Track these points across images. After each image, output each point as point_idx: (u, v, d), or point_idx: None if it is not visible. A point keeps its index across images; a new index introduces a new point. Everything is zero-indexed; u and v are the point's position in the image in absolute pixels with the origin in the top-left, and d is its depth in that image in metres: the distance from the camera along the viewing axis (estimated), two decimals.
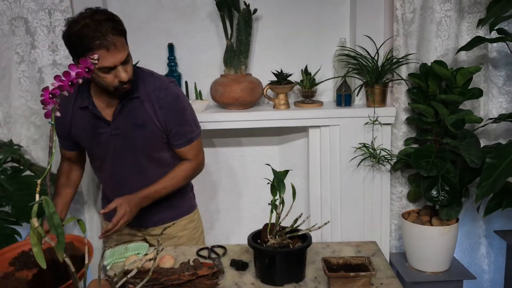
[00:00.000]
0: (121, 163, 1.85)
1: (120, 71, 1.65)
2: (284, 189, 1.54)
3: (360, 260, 1.56)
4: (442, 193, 2.22)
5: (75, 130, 1.84)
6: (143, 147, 1.83)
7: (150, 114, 1.77)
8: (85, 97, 1.78)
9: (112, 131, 1.79)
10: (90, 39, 1.56)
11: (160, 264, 1.67)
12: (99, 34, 1.56)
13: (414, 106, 2.33)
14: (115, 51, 1.61)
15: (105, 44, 1.57)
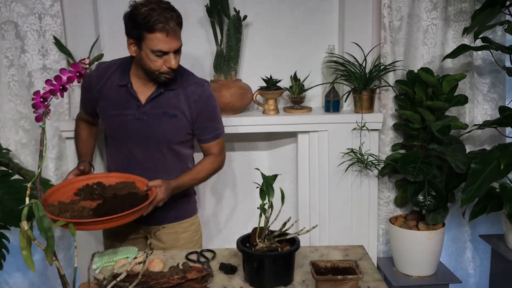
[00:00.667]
0: (140, 148, 1.90)
1: (172, 57, 1.76)
2: (273, 193, 1.55)
3: (348, 264, 1.58)
4: (428, 198, 2.25)
5: (105, 102, 1.90)
6: (167, 137, 1.90)
7: (184, 106, 1.87)
8: (125, 76, 1.87)
9: (140, 115, 1.86)
10: (154, 21, 1.69)
11: (149, 267, 1.68)
12: (163, 18, 1.70)
13: (401, 112, 2.36)
14: (173, 38, 1.74)
15: (167, 28, 1.70)
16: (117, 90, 1.88)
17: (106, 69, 1.91)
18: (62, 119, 2.38)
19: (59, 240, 2.45)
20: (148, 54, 1.75)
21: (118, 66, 1.90)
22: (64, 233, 2.46)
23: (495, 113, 2.45)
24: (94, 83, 1.90)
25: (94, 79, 1.91)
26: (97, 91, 1.91)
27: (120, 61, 1.93)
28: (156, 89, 1.86)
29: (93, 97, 1.93)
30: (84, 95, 2.01)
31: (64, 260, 2.47)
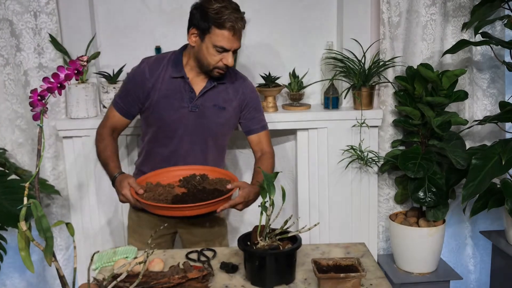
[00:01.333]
0: (188, 141, 1.92)
1: (230, 55, 1.82)
2: (274, 191, 1.54)
3: (350, 261, 1.57)
4: (429, 194, 2.24)
5: (158, 95, 1.87)
6: (215, 129, 1.94)
7: (233, 98, 1.95)
8: (179, 69, 1.88)
9: (193, 107, 1.88)
10: (226, 18, 1.74)
11: (149, 267, 1.66)
12: (233, 17, 1.75)
13: (401, 109, 2.35)
14: (237, 38, 1.80)
15: (235, 28, 1.76)
16: (170, 82, 1.87)
17: (157, 62, 1.90)
18: (59, 118, 2.36)
19: (56, 240, 2.43)
20: (209, 48, 1.79)
21: (168, 59, 1.90)
22: (61, 233, 2.43)
23: (495, 108, 2.44)
24: (148, 76, 1.87)
25: (147, 73, 1.87)
26: (151, 86, 1.87)
27: (168, 55, 1.93)
28: (209, 82, 1.90)
29: (143, 93, 1.88)
30: (132, 94, 1.90)
31: (62, 260, 2.45)
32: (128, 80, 1.93)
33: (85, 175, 2.37)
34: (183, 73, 1.87)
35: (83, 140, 2.34)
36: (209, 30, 1.77)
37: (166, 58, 1.91)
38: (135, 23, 2.46)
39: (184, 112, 1.88)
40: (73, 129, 2.32)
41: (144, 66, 1.89)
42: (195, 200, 1.71)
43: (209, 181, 1.85)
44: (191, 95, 1.88)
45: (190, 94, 1.88)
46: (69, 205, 2.43)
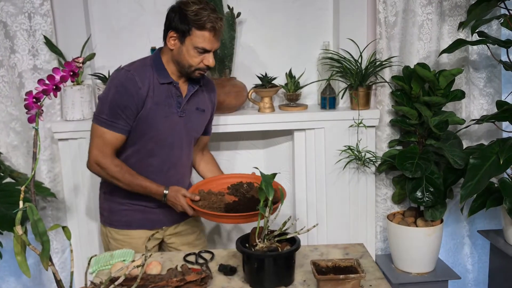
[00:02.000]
0: (178, 147, 1.92)
1: (211, 56, 1.81)
2: (273, 192, 1.53)
3: (349, 262, 1.56)
4: (426, 194, 2.23)
5: (151, 103, 1.81)
6: (198, 133, 2.00)
7: (208, 101, 1.99)
8: (165, 74, 1.85)
9: (181, 112, 1.87)
10: (205, 19, 1.74)
11: (147, 270, 1.64)
12: (213, 18, 1.76)
13: (398, 108, 2.34)
14: (217, 38, 1.80)
15: (215, 28, 1.77)
16: (159, 89, 1.83)
17: (143, 69, 1.82)
18: (54, 120, 2.34)
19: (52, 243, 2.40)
20: (189, 50, 1.78)
21: (151, 66, 1.84)
22: (57, 236, 2.41)
23: (491, 107, 2.44)
24: (140, 85, 1.78)
25: (139, 82, 1.77)
26: (145, 94, 1.79)
27: (147, 61, 1.86)
28: (192, 85, 1.90)
29: (140, 103, 1.79)
30: (129, 108, 1.77)
31: (59, 263, 2.43)
32: (119, 93, 1.77)
33: (80, 177, 2.36)
34: (171, 78, 1.85)
35: (79, 142, 2.32)
36: (189, 32, 1.76)
37: (148, 64, 1.84)
38: (130, 24, 2.44)
39: (174, 118, 1.87)
40: (68, 131, 2.30)
41: (132, 74, 1.78)
42: (247, 209, 1.74)
43: (256, 189, 1.87)
44: (178, 100, 1.87)
45: (178, 99, 1.87)
46: (65, 208, 2.41)
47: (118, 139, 1.81)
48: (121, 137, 1.82)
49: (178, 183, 1.90)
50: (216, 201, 1.83)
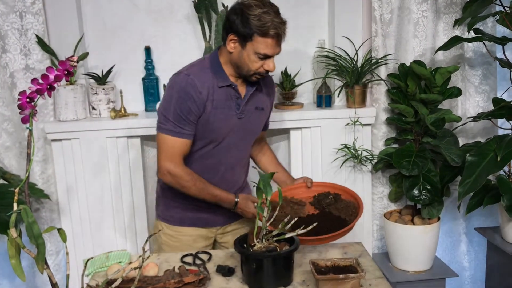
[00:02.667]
0: (235, 148, 1.88)
1: (271, 61, 1.76)
2: (271, 192, 1.51)
3: (348, 262, 1.55)
4: (423, 192, 2.22)
5: (210, 107, 1.77)
6: (256, 132, 1.96)
7: (266, 97, 1.93)
8: (224, 77, 1.80)
9: (240, 114, 1.83)
10: (269, 26, 1.67)
11: (144, 272, 1.62)
12: (277, 24, 1.68)
13: (394, 106, 2.34)
14: (279, 44, 1.74)
15: (279, 34, 1.70)
16: (218, 92, 1.78)
17: (202, 72, 1.77)
18: (47, 121, 2.31)
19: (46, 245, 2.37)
20: (250, 55, 1.72)
21: (209, 68, 1.78)
22: (51, 238, 2.38)
23: (487, 105, 2.44)
24: (201, 89, 1.73)
25: (198, 86, 1.73)
26: (206, 98, 1.75)
27: (206, 63, 1.81)
28: (251, 86, 1.84)
29: (201, 107, 1.75)
30: (193, 112, 1.74)
31: (53, 266, 2.40)
32: (181, 99, 1.73)
33: (74, 179, 2.32)
34: (229, 81, 1.79)
35: (72, 142, 2.29)
36: (251, 37, 1.68)
37: (206, 66, 1.79)
38: (123, 23, 2.41)
39: (234, 120, 1.82)
40: (62, 131, 2.26)
41: (191, 79, 1.74)
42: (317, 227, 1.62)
43: (339, 204, 1.85)
44: (238, 102, 1.82)
45: (237, 100, 1.81)
46: (58, 210, 2.37)
47: (186, 145, 1.78)
48: (189, 142, 1.79)
49: (234, 184, 1.91)
50: (290, 212, 1.79)
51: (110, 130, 2.29)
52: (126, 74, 2.44)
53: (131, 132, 2.31)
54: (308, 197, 1.92)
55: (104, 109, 2.35)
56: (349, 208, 1.82)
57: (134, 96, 2.45)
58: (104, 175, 2.33)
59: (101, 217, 2.37)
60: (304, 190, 1.95)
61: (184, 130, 1.75)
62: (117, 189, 2.35)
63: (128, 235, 2.41)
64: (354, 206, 1.83)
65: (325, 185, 1.96)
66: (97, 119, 2.34)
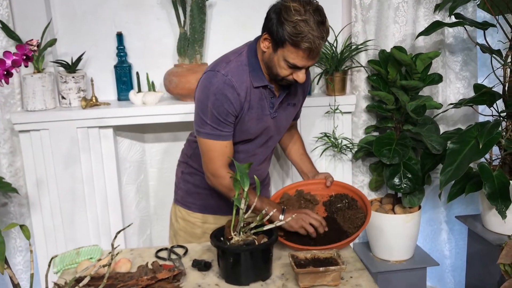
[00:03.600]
0: (265, 145, 1.80)
1: (303, 72, 1.60)
2: (248, 183, 1.44)
3: (329, 254, 1.50)
4: (404, 180, 2.19)
5: (247, 108, 1.66)
6: (286, 127, 1.85)
7: (300, 92, 1.82)
8: (261, 77, 1.66)
9: (273, 113, 1.73)
10: (303, 37, 1.49)
11: (116, 268, 1.55)
12: (312, 37, 1.49)
13: (375, 93, 2.29)
14: (313, 57, 1.56)
15: (311, 49, 1.52)
16: (254, 92, 1.65)
17: (240, 71, 1.63)
18: (14, 111, 2.20)
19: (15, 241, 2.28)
20: (280, 61, 1.58)
21: (247, 65, 1.64)
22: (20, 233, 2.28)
23: (468, 91, 2.41)
24: (239, 91, 1.61)
25: (237, 87, 1.61)
26: (243, 100, 1.63)
27: (244, 58, 1.65)
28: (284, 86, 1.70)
29: (239, 108, 1.64)
30: (231, 114, 1.63)
31: (23, 262, 2.30)
32: (219, 101, 1.60)
33: (44, 171, 2.22)
34: (266, 81, 1.66)
35: (41, 133, 2.18)
36: (283, 44, 1.53)
37: (243, 63, 1.64)
38: (94, 8, 2.30)
39: (267, 120, 1.72)
40: (29, 122, 2.16)
41: (229, 80, 1.60)
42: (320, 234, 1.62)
43: (349, 212, 1.73)
44: (272, 101, 1.70)
45: (271, 99, 1.70)
46: (28, 204, 2.27)
47: (227, 146, 1.68)
48: (229, 143, 1.68)
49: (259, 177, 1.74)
50: (298, 208, 1.72)
51: (80, 120, 2.20)
52: (97, 61, 2.34)
53: (103, 122, 2.21)
54: (325, 195, 1.82)
55: (74, 98, 2.25)
56: (356, 220, 1.70)
57: (106, 84, 2.36)
58: (75, 167, 2.24)
59: (73, 211, 2.28)
60: (323, 187, 1.84)
61: (223, 132, 1.65)
62: (89, 182, 2.26)
63: (102, 229, 2.32)
64: (361, 219, 1.72)
65: (345, 187, 1.84)
66: (67, 108, 2.24)
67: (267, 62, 1.63)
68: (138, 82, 2.32)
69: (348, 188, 1.84)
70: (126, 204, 2.43)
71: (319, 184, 1.85)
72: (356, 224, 1.69)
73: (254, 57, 1.65)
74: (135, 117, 2.23)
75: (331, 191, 1.83)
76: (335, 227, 1.68)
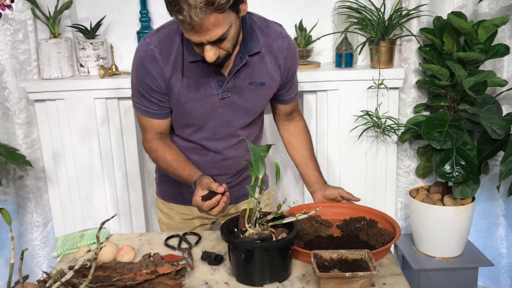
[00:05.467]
0: (222, 131, 1.53)
1: (207, 50, 1.29)
2: (264, 168, 1.23)
3: (359, 255, 1.27)
4: (457, 168, 1.92)
5: (181, 87, 1.43)
6: (255, 111, 1.55)
7: (271, 68, 1.49)
8: None
9: (223, 93, 1.45)
10: (175, 9, 1.21)
11: (118, 257, 1.39)
12: (185, 7, 1.18)
13: (427, 67, 2.01)
14: (202, 31, 1.24)
15: (189, 22, 1.21)
16: (189, 68, 1.41)
17: (168, 43, 1.39)
18: (30, 79, 2.08)
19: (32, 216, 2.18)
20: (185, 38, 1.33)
21: (179, 34, 1.39)
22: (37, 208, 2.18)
23: None
24: (162, 64, 1.39)
25: (160, 60, 1.38)
26: (169, 75, 1.40)
27: (174, 28, 1.40)
28: (239, 58, 1.42)
29: (163, 83, 1.41)
30: (155, 90, 1.42)
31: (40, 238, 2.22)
32: (140, 74, 1.41)
33: (61, 144, 2.10)
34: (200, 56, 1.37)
35: (57, 104, 2.06)
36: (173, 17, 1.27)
37: (176, 32, 1.39)
38: None
39: (214, 101, 1.46)
40: (44, 91, 2.03)
41: (151, 49, 1.38)
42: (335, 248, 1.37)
43: (374, 229, 1.48)
44: (219, 78, 1.43)
45: (218, 77, 1.43)
46: (45, 177, 2.17)
47: (154, 124, 1.49)
48: (158, 122, 1.48)
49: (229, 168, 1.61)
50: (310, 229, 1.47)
51: (99, 91, 2.06)
52: (118, 27, 2.18)
53: (122, 92, 2.05)
54: (337, 219, 1.56)
55: (93, 67, 2.10)
56: (383, 236, 1.45)
57: (128, 52, 2.17)
58: (93, 141, 2.11)
59: (91, 187, 2.16)
60: (333, 210, 1.59)
61: (149, 109, 1.46)
62: (107, 157, 2.13)
63: (121, 207, 2.19)
64: (390, 235, 1.46)
65: (360, 209, 1.59)
66: (85, 77, 2.09)
67: None
68: None
69: (364, 210, 1.57)
70: (149, 182, 2.28)
71: (327, 207, 1.60)
72: (384, 240, 1.42)
73: None
74: None
75: (343, 215, 1.56)
76: (358, 242, 1.42)
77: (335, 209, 1.61)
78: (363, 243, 1.42)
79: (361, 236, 1.46)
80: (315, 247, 1.38)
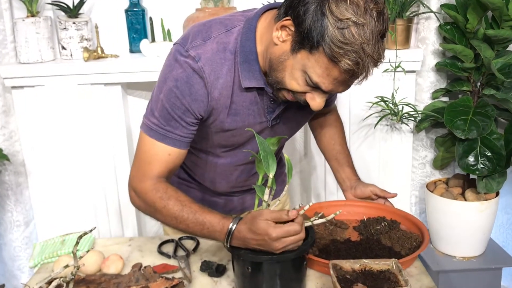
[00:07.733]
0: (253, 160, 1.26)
1: (322, 98, 1.07)
2: (275, 165, 1.03)
3: (385, 265, 1.08)
4: (482, 160, 1.73)
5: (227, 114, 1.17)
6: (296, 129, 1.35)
7: None
8: (255, 72, 1.12)
9: (272, 121, 1.22)
10: (347, 52, 0.95)
11: (103, 268, 1.20)
12: (363, 56, 0.96)
13: (448, 47, 1.81)
14: (349, 83, 1.04)
15: (354, 72, 0.98)
16: (239, 94, 1.15)
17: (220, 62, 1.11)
18: (5, 63, 1.87)
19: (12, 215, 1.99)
20: (296, 69, 1.03)
21: (232, 52, 1.11)
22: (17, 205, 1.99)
23: None
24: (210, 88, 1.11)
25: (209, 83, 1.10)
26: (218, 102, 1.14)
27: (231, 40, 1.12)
28: None
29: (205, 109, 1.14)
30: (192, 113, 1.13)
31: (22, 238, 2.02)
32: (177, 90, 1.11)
33: (42, 135, 1.91)
34: (262, 82, 1.12)
35: (36, 91, 1.86)
36: (312, 48, 0.98)
37: (228, 48, 1.11)
38: None
39: (261, 128, 1.23)
40: (23, 76, 1.83)
41: (200, 67, 1.09)
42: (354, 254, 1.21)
43: (397, 232, 1.29)
44: (271, 105, 1.19)
45: (270, 104, 1.19)
46: (25, 172, 1.97)
47: (171, 155, 1.17)
48: (176, 152, 1.17)
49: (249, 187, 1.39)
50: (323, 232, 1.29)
51: (82, 76, 1.85)
52: (104, 4, 1.98)
53: (109, 77, 1.85)
54: (353, 220, 1.38)
55: (76, 49, 1.90)
56: (409, 240, 1.27)
57: (115, 33, 1.99)
58: (77, 131, 1.91)
59: (76, 182, 1.96)
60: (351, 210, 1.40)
61: (171, 133, 1.14)
62: (94, 149, 1.93)
63: (110, 206, 2.00)
64: (416, 239, 1.28)
65: (378, 208, 1.40)
66: (67, 61, 1.89)
67: (272, 60, 1.07)
68: (151, 30, 1.94)
69: (384, 209, 1.39)
70: None
71: (345, 206, 1.40)
72: (411, 244, 1.24)
73: (251, 42, 1.10)
74: (148, 72, 1.85)
75: (360, 215, 1.37)
76: (381, 247, 1.23)
77: (349, 207, 1.41)
78: (387, 249, 1.23)
79: (383, 240, 1.27)
80: (332, 254, 1.19)
